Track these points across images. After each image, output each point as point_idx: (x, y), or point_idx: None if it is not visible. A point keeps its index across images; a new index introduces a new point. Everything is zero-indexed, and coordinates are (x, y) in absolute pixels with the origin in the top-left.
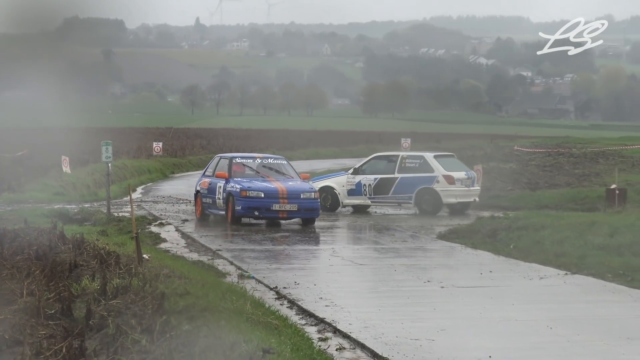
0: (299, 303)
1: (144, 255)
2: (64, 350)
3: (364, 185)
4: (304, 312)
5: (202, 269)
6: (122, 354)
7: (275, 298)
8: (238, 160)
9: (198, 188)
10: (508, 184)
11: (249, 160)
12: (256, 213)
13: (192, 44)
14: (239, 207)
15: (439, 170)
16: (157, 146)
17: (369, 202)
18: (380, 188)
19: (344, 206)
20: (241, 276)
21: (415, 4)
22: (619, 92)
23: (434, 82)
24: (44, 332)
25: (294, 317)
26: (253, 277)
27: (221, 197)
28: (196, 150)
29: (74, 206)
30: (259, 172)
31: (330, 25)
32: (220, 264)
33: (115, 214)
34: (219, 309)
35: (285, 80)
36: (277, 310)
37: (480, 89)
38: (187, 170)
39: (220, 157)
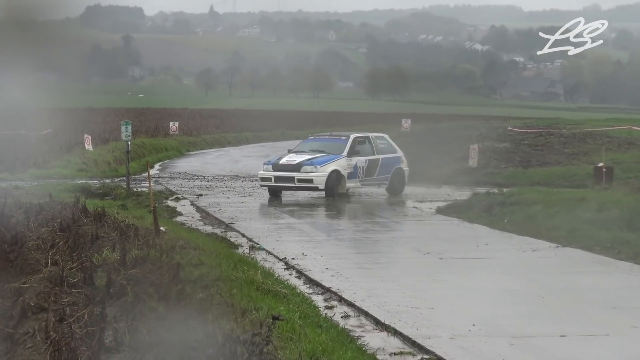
0: (307, 273)
1: (161, 228)
2: (85, 316)
3: (359, 167)
4: (311, 282)
5: (215, 240)
6: (141, 320)
7: (284, 268)
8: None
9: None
10: (502, 162)
11: None
12: None
13: (207, 30)
14: None
15: (399, 150)
16: (174, 126)
17: (359, 184)
18: (370, 170)
19: (347, 190)
20: (252, 248)
21: None
22: (605, 77)
23: (433, 66)
24: (67, 300)
25: (301, 286)
26: (264, 249)
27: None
28: (210, 129)
29: (95, 181)
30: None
31: (335, 13)
32: (233, 236)
33: (134, 189)
34: (231, 279)
35: (294, 64)
36: (286, 280)
37: (476, 73)
38: (202, 148)
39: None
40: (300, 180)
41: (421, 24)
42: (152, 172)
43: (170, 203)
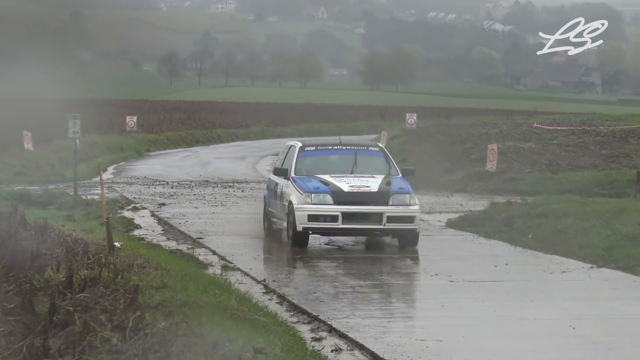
0: (290, 298)
1: (116, 244)
2: (24, 349)
3: None
4: (295, 309)
5: (180, 258)
6: (90, 354)
7: (263, 292)
8: None
9: None
10: (526, 165)
11: None
12: None
13: (172, 5)
14: None
15: None
16: (131, 121)
17: None
18: None
19: None
20: (225, 267)
21: None
22: None
23: (444, 50)
24: (2, 329)
25: (284, 313)
26: (238, 269)
27: None
28: (175, 125)
29: (36, 187)
30: None
31: None
32: (202, 254)
33: (84, 197)
34: (199, 304)
35: (276, 48)
36: (266, 306)
37: (496, 58)
38: (165, 148)
39: None
40: (392, 220)
41: None
42: (105, 176)
43: (127, 214)
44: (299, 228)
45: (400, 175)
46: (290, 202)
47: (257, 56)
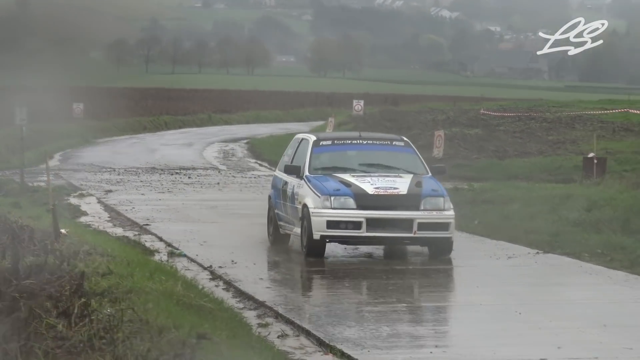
0: (237, 284)
1: (62, 230)
2: None
3: None
4: (242, 295)
5: (127, 245)
6: (36, 340)
7: (210, 278)
8: None
9: None
10: (473, 151)
11: None
12: None
13: None
14: None
15: None
16: (78, 107)
17: None
18: None
19: None
20: (171, 254)
21: None
22: (598, 50)
23: (391, 37)
24: None
25: (230, 299)
26: (185, 255)
27: None
28: (122, 112)
29: None
30: None
31: None
32: (148, 240)
33: (30, 184)
34: (145, 291)
35: (224, 35)
36: (212, 292)
37: (443, 45)
38: (112, 135)
39: None
40: (424, 227)
41: None
42: (52, 163)
43: (74, 200)
44: (316, 236)
45: (429, 174)
46: (304, 206)
47: (204, 43)
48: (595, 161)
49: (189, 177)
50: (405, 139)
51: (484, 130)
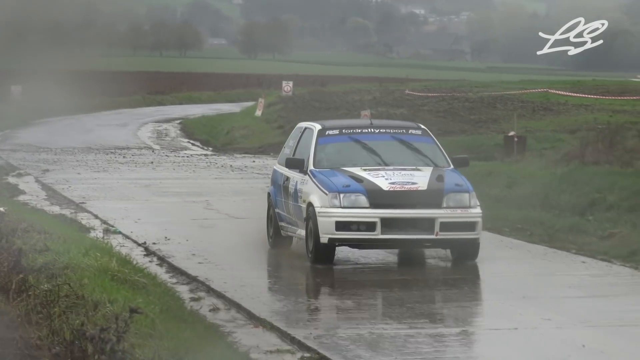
0: (170, 260)
1: (0, 208)
2: None
3: None
4: (174, 270)
5: (63, 223)
6: None
7: (144, 255)
8: None
9: None
10: None
11: None
12: None
13: None
14: None
15: None
16: (16, 90)
17: None
18: None
19: None
20: (107, 231)
21: None
22: (519, 32)
23: (319, 20)
24: None
25: (163, 275)
26: (120, 232)
27: None
28: (60, 94)
29: None
30: None
31: None
32: (84, 218)
33: None
34: (81, 267)
35: (157, 18)
36: (146, 268)
37: (369, 27)
38: (49, 116)
39: None
40: (447, 227)
41: None
42: None
43: (12, 180)
44: (324, 239)
45: (451, 166)
46: (310, 204)
47: (138, 27)
48: (516, 139)
49: (124, 157)
50: (422, 126)
51: (409, 110)
